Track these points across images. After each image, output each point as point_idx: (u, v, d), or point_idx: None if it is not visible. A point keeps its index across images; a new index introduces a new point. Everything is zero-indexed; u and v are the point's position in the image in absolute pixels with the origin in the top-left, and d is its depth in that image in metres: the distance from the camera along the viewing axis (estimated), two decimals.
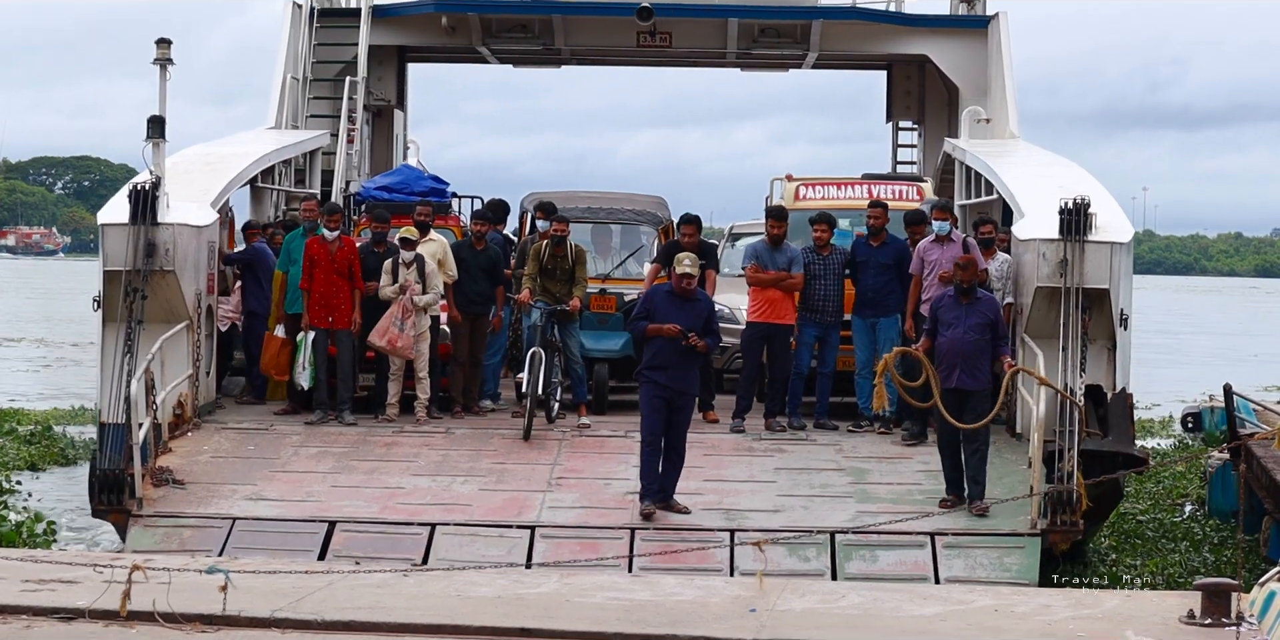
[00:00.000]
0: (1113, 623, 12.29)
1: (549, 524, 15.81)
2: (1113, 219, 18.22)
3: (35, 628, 11.65)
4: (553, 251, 19.40)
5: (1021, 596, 13.28)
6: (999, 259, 18.99)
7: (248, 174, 21.48)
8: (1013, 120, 25.75)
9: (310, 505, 16.22)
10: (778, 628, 11.93)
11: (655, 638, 11.70)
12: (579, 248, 19.48)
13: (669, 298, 16.14)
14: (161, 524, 15.80)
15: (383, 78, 29.67)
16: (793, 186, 22.53)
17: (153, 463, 16.76)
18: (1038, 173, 20.87)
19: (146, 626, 11.59)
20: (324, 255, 19.30)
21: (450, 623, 11.82)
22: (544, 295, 19.25)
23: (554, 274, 19.41)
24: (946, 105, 29.39)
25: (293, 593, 12.43)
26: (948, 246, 18.78)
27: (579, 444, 18.50)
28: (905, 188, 22.45)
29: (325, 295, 19.24)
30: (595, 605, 12.50)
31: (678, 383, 15.94)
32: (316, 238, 19.53)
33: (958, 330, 16.42)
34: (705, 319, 16.13)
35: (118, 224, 17.87)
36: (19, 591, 12.42)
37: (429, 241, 20.16)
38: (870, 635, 11.83)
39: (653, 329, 15.95)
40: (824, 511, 16.24)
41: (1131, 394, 18.23)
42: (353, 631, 11.71)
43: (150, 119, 18.24)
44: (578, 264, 19.42)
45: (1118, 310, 17.86)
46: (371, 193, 23.58)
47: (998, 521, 15.91)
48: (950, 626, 12.14)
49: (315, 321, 19.28)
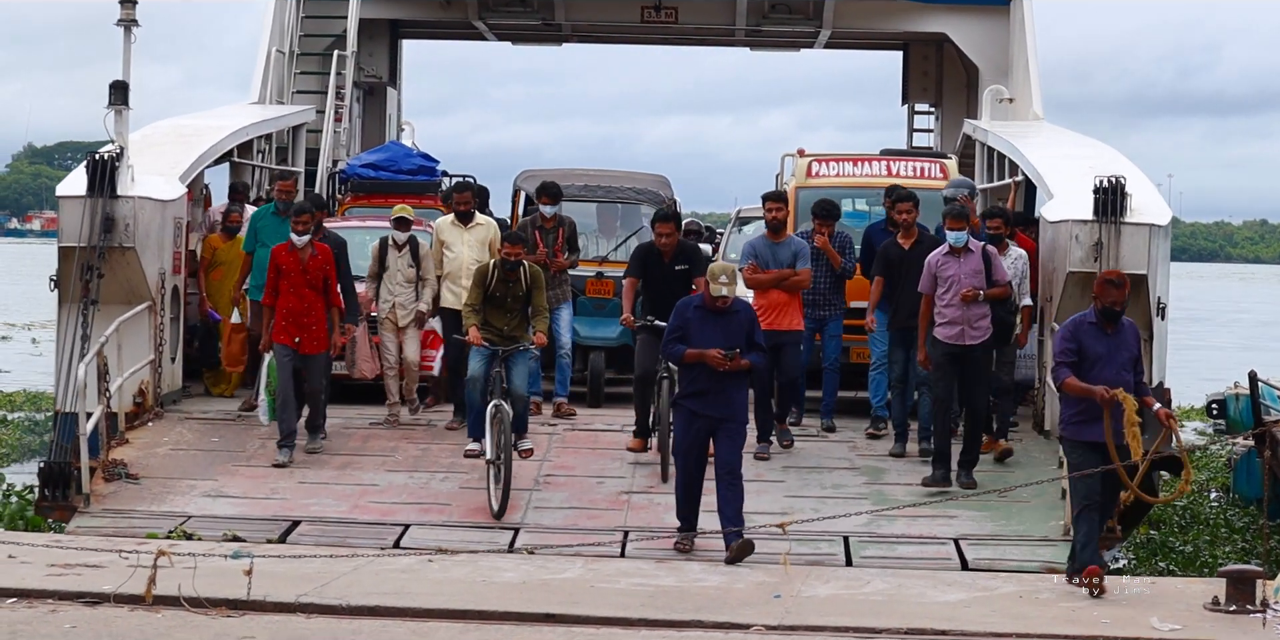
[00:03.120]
0: (1137, 609, 12.38)
1: (534, 525, 14.52)
2: (1149, 200, 17.23)
3: (61, 612, 11.70)
4: (503, 275, 15.77)
5: (1045, 583, 13.25)
6: (1011, 255, 16.95)
7: (222, 147, 20.26)
8: (1036, 101, 24.65)
9: (273, 503, 15.08)
10: (802, 614, 11.98)
11: (680, 623, 11.72)
12: (534, 269, 15.84)
13: (703, 314, 13.91)
14: (108, 516, 14.65)
15: (374, 53, 28.68)
16: (805, 163, 20.60)
17: (105, 455, 15.52)
18: (1067, 153, 19.88)
19: (172, 611, 11.67)
20: (293, 265, 16.27)
21: (475, 608, 11.86)
22: (486, 331, 15.54)
23: (503, 303, 15.68)
24: (965, 87, 28.37)
25: (318, 578, 12.46)
26: (966, 259, 16.05)
27: (571, 439, 17.23)
28: (927, 165, 20.58)
29: (295, 312, 16.24)
30: (620, 591, 12.56)
31: (720, 409, 13.80)
32: (283, 245, 16.50)
33: (1109, 369, 12.98)
34: (747, 333, 13.93)
35: (74, 196, 16.59)
36: (44, 576, 12.48)
37: (476, 226, 18.04)
38: (894, 621, 11.83)
39: (693, 355, 13.76)
40: (836, 514, 14.88)
41: (1169, 389, 16.96)
42: (378, 616, 11.76)
43: (113, 84, 17.04)
44: (534, 289, 15.71)
45: (1155, 298, 16.83)
46: (357, 170, 22.51)
47: (1028, 526, 14.89)
48: (974, 613, 12.20)
49: (281, 339, 16.23)
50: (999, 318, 16.24)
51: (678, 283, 16.13)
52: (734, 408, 13.88)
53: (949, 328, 15.82)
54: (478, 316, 15.52)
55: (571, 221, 18.41)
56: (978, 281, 15.88)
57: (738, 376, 13.87)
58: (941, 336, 15.84)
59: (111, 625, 11.35)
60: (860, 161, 20.57)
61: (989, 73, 26.31)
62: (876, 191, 19.33)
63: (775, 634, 11.64)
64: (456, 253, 17.88)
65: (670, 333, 13.99)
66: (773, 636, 11.60)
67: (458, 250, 17.88)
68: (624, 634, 11.56)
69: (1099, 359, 12.92)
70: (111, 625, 11.35)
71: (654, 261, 16.34)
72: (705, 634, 11.63)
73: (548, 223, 18.17)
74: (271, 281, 16.28)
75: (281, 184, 18.80)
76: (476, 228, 17.99)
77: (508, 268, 15.63)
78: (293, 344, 16.15)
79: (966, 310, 15.79)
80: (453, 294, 17.68)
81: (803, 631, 11.63)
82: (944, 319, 15.87)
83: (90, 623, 11.40)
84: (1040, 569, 13.89)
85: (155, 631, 11.22)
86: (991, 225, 17.04)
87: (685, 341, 13.82)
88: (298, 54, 25.99)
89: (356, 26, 26.27)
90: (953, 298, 15.82)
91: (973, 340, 15.81)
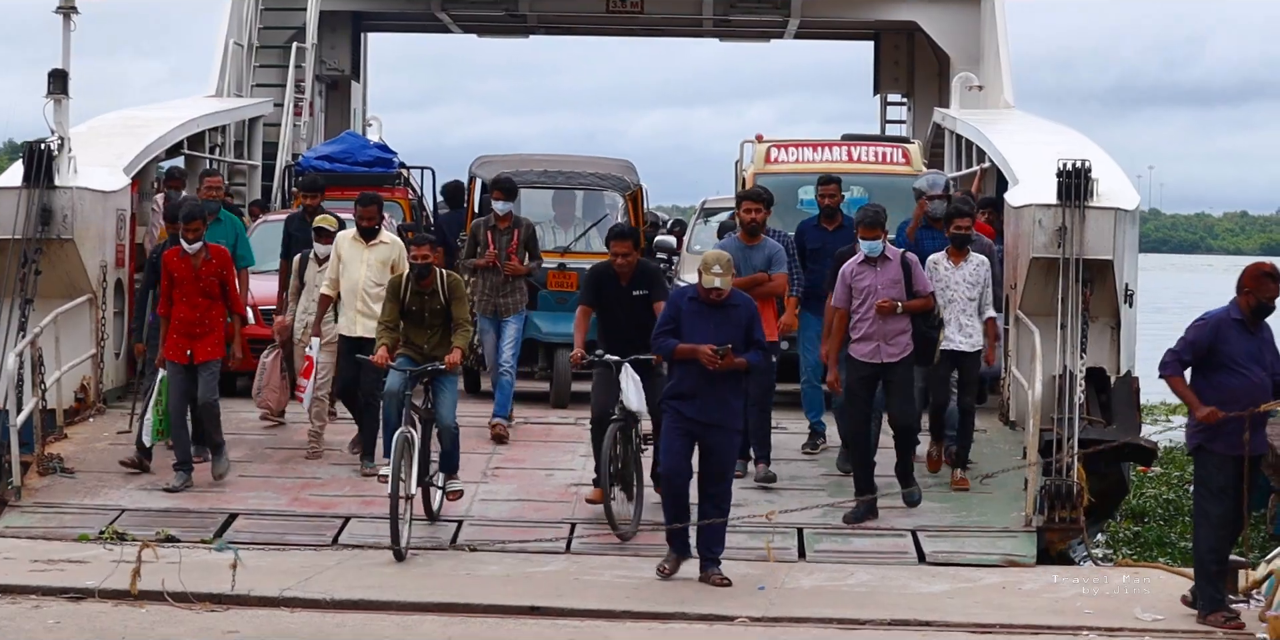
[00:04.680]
0: (1121, 600, 12.42)
1: (479, 518, 14.14)
2: (1116, 185, 16.93)
3: (44, 607, 11.68)
4: (416, 286, 14.11)
5: (1029, 574, 13.28)
6: (972, 262, 15.34)
7: (171, 139, 19.89)
8: (1008, 89, 24.51)
9: (210, 496, 14.70)
10: (786, 605, 12.03)
11: (664, 616, 11.72)
12: (453, 277, 14.21)
13: (697, 306, 12.72)
14: (40, 513, 14.27)
15: (336, 46, 28.39)
16: (763, 149, 19.94)
17: (40, 449, 15.09)
18: (1034, 139, 19.65)
19: (156, 606, 11.68)
20: (185, 272, 14.88)
21: (460, 601, 11.87)
22: (407, 349, 14.03)
23: (421, 318, 14.03)
24: (937, 76, 28.28)
25: (301, 572, 12.40)
26: (883, 268, 14.45)
27: (523, 431, 16.87)
28: (889, 150, 19.97)
29: (188, 322, 14.84)
30: (604, 583, 12.55)
31: (710, 414, 12.58)
32: (174, 250, 15.03)
33: (1255, 371, 11.81)
34: (746, 329, 12.72)
35: (9, 187, 16.21)
36: (28, 571, 12.46)
37: (379, 245, 15.68)
38: (878, 612, 11.86)
39: (684, 351, 12.58)
40: (791, 506, 14.54)
41: (1137, 378, 16.76)
42: (362, 610, 11.76)
43: (51, 73, 16.62)
44: (454, 300, 14.02)
45: (1122, 285, 16.51)
46: (311, 163, 22.05)
47: (989, 517, 14.54)
48: (958, 604, 12.25)
49: (172, 355, 14.82)
50: (920, 333, 14.64)
51: (637, 309, 13.94)
52: (725, 413, 12.64)
53: (863, 344, 14.32)
54: (392, 335, 13.95)
55: (530, 224, 16.89)
56: (896, 292, 14.32)
57: (732, 378, 12.62)
58: (856, 354, 14.35)
59: (95, 620, 11.37)
60: (820, 147, 19.99)
61: (960, 61, 26.23)
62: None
63: (760, 626, 11.63)
64: (352, 272, 15.51)
65: (661, 325, 12.82)
66: (757, 628, 11.58)
67: (353, 269, 15.50)
68: (609, 626, 11.55)
69: (1243, 359, 11.78)
70: (95, 620, 11.37)
71: (609, 285, 14.06)
72: (690, 626, 11.64)
73: (501, 222, 16.64)
74: (165, 290, 14.94)
75: (209, 180, 17.55)
76: (379, 247, 15.58)
77: (418, 275, 13.96)
78: (185, 359, 14.77)
79: (883, 324, 14.27)
80: (346, 319, 15.52)
81: (787, 623, 11.63)
82: (858, 334, 14.35)
83: (74, 618, 11.40)
84: (1000, 562, 13.60)
85: (139, 626, 11.23)
86: (959, 224, 15.41)
87: (677, 335, 12.66)
88: (257, 47, 25.69)
89: (317, 19, 26.07)
90: (867, 311, 14.31)
91: (890, 358, 14.28)
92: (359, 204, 15.77)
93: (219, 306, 14.98)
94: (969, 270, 15.27)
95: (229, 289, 15.04)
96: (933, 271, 15.14)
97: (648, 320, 13.47)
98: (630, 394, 13.54)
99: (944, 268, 15.27)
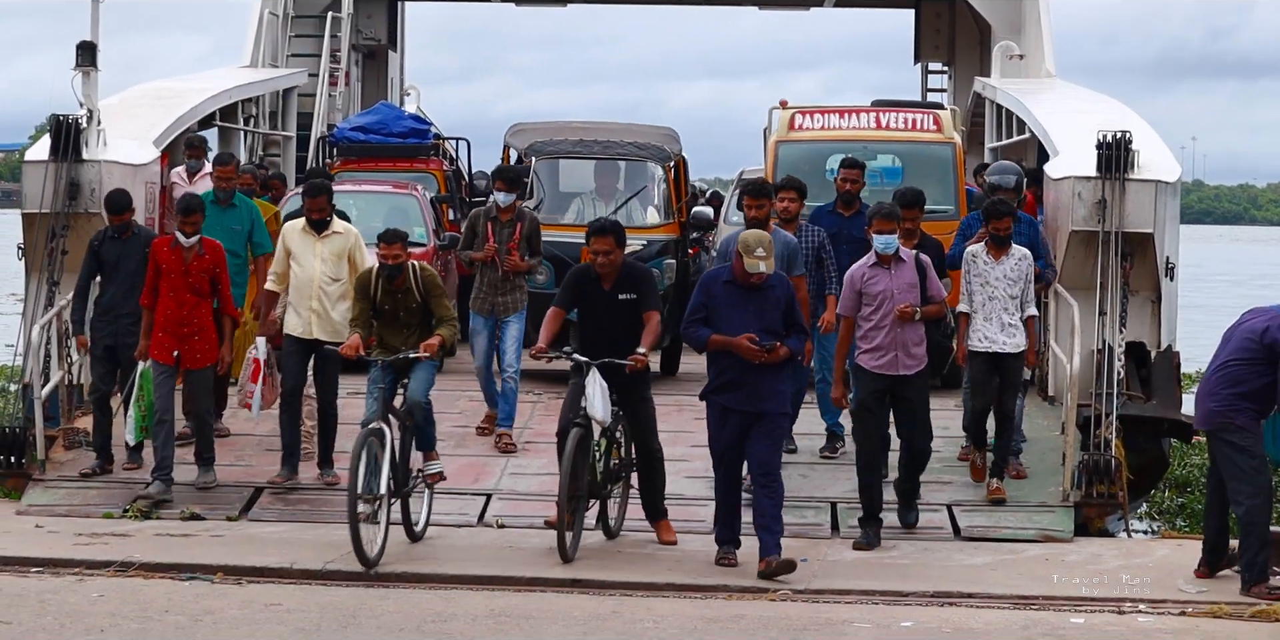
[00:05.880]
0: (1164, 572, 12.47)
1: (508, 492, 14.05)
2: (1157, 156, 16.72)
3: (88, 581, 11.79)
4: (388, 285, 12.97)
5: (1071, 546, 13.30)
6: (1014, 256, 14.27)
7: (203, 110, 19.74)
8: (1049, 58, 24.16)
9: (237, 470, 14.59)
10: (830, 577, 12.07)
11: (707, 588, 11.76)
12: (428, 271, 13.00)
13: (732, 290, 12.03)
14: (65, 487, 14.24)
15: (372, 15, 28.19)
16: (787, 115, 18.64)
17: (66, 422, 15.03)
18: (1075, 109, 19.37)
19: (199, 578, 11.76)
20: (175, 264, 13.93)
21: (502, 574, 11.93)
22: (383, 351, 12.89)
23: (395, 317, 12.92)
24: (978, 45, 27.87)
25: (344, 545, 12.14)
26: (898, 270, 13.21)
27: (554, 406, 16.53)
28: (920, 117, 18.67)
29: (173, 320, 13.93)
30: (646, 556, 12.56)
31: (755, 403, 11.99)
32: (165, 240, 14.17)
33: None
34: (785, 311, 12.07)
35: (37, 161, 16.08)
36: (72, 545, 12.60)
37: (332, 235, 14.34)
38: (921, 585, 11.95)
39: (719, 343, 11.98)
40: (824, 481, 14.59)
41: (1178, 352, 16.58)
42: (406, 583, 11.84)
43: (79, 45, 16.47)
44: (432, 297, 12.88)
45: (1163, 258, 16.30)
46: (346, 134, 22.00)
47: (1026, 492, 14.39)
48: (1001, 576, 12.33)
49: (157, 354, 13.92)
50: (933, 341, 13.59)
51: (622, 316, 12.51)
52: (773, 400, 12.06)
53: (877, 355, 13.11)
54: (364, 331, 12.89)
55: (534, 217, 15.67)
56: (913, 297, 13.16)
57: (776, 365, 12.03)
58: (869, 366, 13.12)
59: (139, 593, 11.43)
60: (847, 114, 18.83)
61: (1001, 30, 25.83)
62: (864, 146, 18.11)
63: (802, 598, 11.67)
64: (305, 266, 14.15)
65: (692, 313, 12.10)
66: (799, 600, 11.62)
67: (306, 263, 14.16)
68: (651, 599, 11.58)
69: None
70: (139, 593, 11.43)
71: (591, 288, 12.62)
72: (731, 598, 11.66)
73: (503, 214, 15.28)
74: (150, 281, 13.98)
75: (220, 170, 15.98)
76: (332, 238, 14.31)
77: (389, 276, 12.83)
78: (171, 359, 13.89)
79: (900, 333, 13.08)
80: (298, 317, 14.18)
81: (830, 595, 11.68)
82: (870, 344, 13.11)
83: (118, 591, 11.49)
84: (1037, 537, 13.47)
85: (183, 599, 11.27)
86: (999, 227, 14.16)
87: (710, 324, 12.05)
88: (292, 16, 25.46)
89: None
90: (883, 319, 13.09)
91: (907, 370, 13.12)
92: (306, 195, 14.41)
93: (207, 305, 14.01)
94: (1010, 265, 14.17)
95: (221, 287, 14.09)
96: (971, 265, 14.20)
97: (635, 329, 12.38)
98: (596, 400, 12.19)
99: (983, 261, 14.19)
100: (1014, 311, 14.14)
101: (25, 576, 11.91)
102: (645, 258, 17.27)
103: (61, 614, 10.84)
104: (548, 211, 17.92)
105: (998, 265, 14.16)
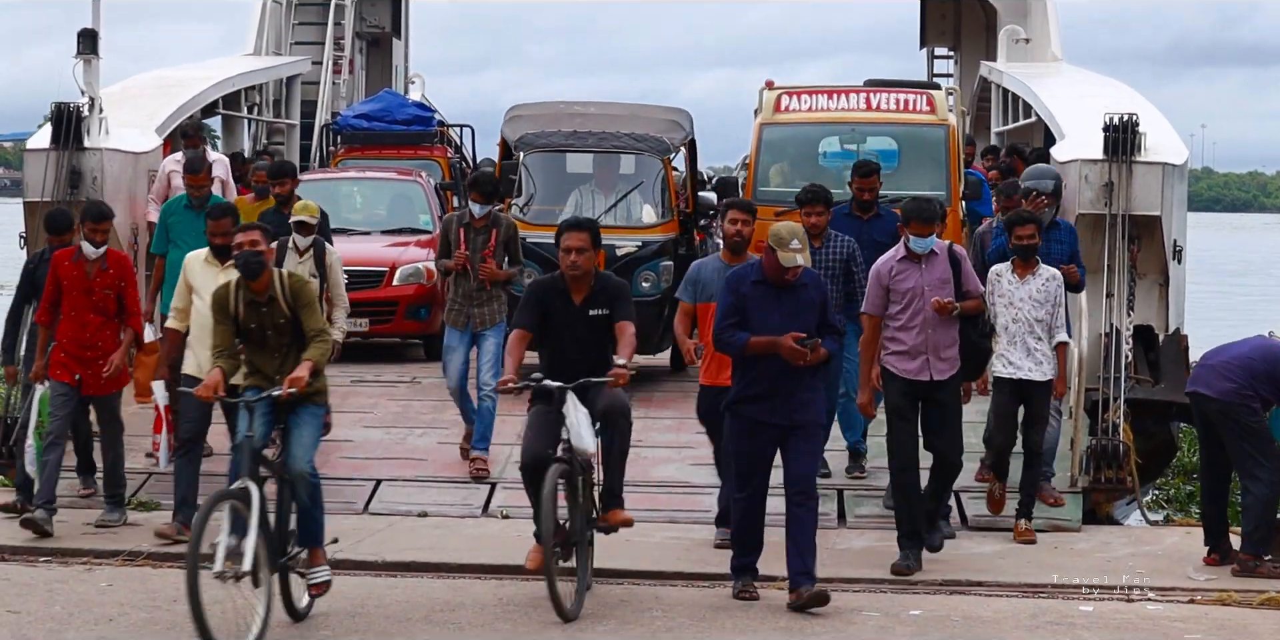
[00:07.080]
0: (1173, 559, 12.54)
1: (512, 481, 13.87)
2: (1164, 139, 16.67)
3: (97, 569, 11.82)
4: (249, 294, 10.57)
5: (1080, 534, 13.40)
6: (1041, 276, 13.17)
7: (205, 98, 19.73)
8: (1055, 42, 24.21)
9: None
10: (838, 566, 12.02)
11: (715, 577, 11.67)
12: (295, 277, 10.72)
13: (764, 290, 10.94)
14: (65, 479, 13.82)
15: (376, 3, 28.09)
16: (773, 96, 17.62)
17: None
18: (1082, 92, 19.37)
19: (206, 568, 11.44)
20: (77, 280, 12.61)
21: (510, 563, 11.71)
22: (256, 378, 10.59)
23: (261, 337, 10.57)
24: (984, 30, 27.84)
25: (353, 534, 12.39)
26: (930, 265, 12.06)
27: None
28: (912, 97, 17.68)
29: (76, 341, 12.60)
30: (655, 545, 12.58)
31: (790, 415, 10.93)
32: (68, 251, 12.72)
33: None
34: (820, 311, 11.02)
35: (38, 149, 16.05)
36: (81, 534, 12.64)
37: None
38: (930, 573, 11.94)
39: (759, 345, 10.85)
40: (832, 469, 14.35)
41: (1186, 335, 16.51)
42: (414, 572, 11.91)
43: (81, 32, 16.45)
44: (301, 307, 10.52)
45: (1170, 241, 16.18)
46: (350, 122, 21.99)
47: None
48: (1010, 564, 12.37)
49: (58, 374, 12.63)
50: (969, 341, 12.26)
51: (595, 332, 11.11)
52: (809, 411, 10.98)
53: (906, 359, 12.00)
54: (229, 362, 10.50)
55: (511, 222, 14.63)
56: (946, 294, 12.00)
57: (810, 372, 10.92)
58: (899, 371, 12.00)
59: (148, 582, 11.43)
60: (836, 94, 17.72)
61: (1008, 14, 25.88)
62: (853, 128, 17.36)
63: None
64: (208, 301, 11.20)
65: (724, 317, 10.96)
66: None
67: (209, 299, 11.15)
68: (659, 588, 11.60)
69: None
70: (148, 582, 11.43)
71: (558, 302, 11.11)
72: None
73: (477, 222, 14.28)
74: (49, 296, 12.67)
75: (190, 178, 14.78)
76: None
77: (248, 274, 10.46)
78: (72, 380, 12.61)
79: (932, 333, 11.97)
80: (197, 358, 12.33)
81: (839, 583, 11.55)
82: (900, 346, 12.00)
83: (126, 580, 11.50)
84: (1045, 526, 13.41)
85: None
86: (1021, 233, 13.11)
87: (744, 327, 10.94)
88: (296, 4, 25.44)
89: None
90: (911, 318, 11.97)
91: (940, 374, 12.01)
92: (209, 217, 12.69)
93: (114, 326, 12.71)
94: (1036, 285, 13.10)
95: (126, 303, 12.74)
96: (995, 284, 13.09)
97: (608, 346, 11.06)
98: (581, 429, 10.80)
99: (1008, 281, 13.12)
100: (1041, 336, 13.10)
101: (34, 565, 11.90)
102: (642, 259, 16.81)
103: (70, 603, 10.85)
104: (537, 208, 17.11)
105: (1023, 285, 13.13)
